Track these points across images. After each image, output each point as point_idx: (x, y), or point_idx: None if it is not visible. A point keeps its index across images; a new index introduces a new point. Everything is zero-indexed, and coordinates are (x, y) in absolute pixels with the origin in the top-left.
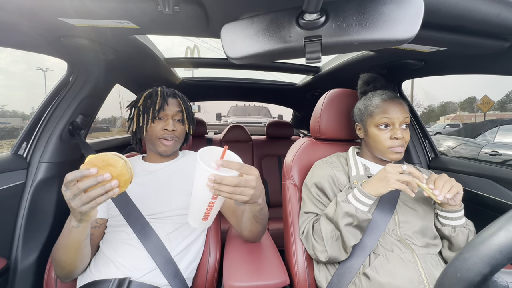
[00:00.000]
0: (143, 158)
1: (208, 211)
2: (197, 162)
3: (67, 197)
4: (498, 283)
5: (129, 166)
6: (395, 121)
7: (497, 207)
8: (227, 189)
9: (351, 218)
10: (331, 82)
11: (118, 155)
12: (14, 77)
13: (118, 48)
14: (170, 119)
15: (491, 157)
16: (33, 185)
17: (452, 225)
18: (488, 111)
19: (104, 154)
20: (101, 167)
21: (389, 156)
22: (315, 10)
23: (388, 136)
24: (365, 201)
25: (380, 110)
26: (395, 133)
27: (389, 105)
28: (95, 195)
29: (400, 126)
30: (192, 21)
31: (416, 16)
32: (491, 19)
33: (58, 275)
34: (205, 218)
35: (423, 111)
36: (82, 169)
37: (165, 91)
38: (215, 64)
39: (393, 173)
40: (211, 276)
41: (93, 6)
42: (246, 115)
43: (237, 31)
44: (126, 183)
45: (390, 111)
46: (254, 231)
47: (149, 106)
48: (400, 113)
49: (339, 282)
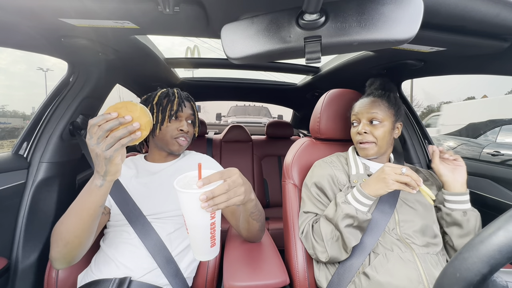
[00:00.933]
0: (145, 157)
1: (213, 234)
2: (181, 193)
3: (92, 144)
4: (497, 283)
5: (147, 110)
6: (360, 117)
7: (497, 207)
8: (222, 198)
9: (351, 219)
10: (331, 82)
11: (134, 103)
12: (14, 77)
13: (119, 48)
14: (184, 120)
15: (493, 157)
16: (34, 185)
17: (462, 209)
18: None
19: (121, 101)
20: (121, 112)
21: (360, 152)
22: (315, 10)
23: (355, 131)
24: (365, 202)
25: (354, 109)
26: (358, 128)
27: (361, 103)
28: (119, 134)
29: (368, 121)
30: (192, 22)
31: (415, 16)
32: (490, 19)
33: (55, 258)
34: (213, 243)
35: (423, 111)
36: (104, 113)
37: (181, 93)
38: (215, 64)
39: (391, 174)
40: (211, 275)
41: (93, 7)
42: (246, 115)
43: (237, 31)
44: (146, 126)
45: (358, 108)
46: (252, 230)
47: (165, 106)
48: (365, 109)
49: (339, 282)
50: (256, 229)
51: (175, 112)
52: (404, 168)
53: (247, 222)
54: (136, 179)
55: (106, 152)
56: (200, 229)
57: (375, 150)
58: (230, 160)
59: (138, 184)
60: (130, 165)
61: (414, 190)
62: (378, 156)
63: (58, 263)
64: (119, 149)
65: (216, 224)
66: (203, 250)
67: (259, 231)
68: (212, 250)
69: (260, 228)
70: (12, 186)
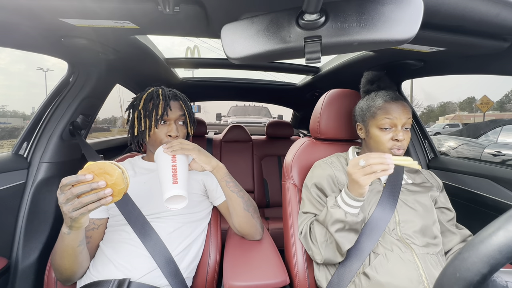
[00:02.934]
0: (143, 158)
1: (174, 173)
2: (156, 152)
3: (61, 201)
4: (497, 283)
5: (126, 176)
6: (397, 122)
7: (497, 207)
8: (176, 146)
9: (341, 223)
10: (331, 82)
11: (116, 164)
12: (14, 77)
13: (119, 48)
14: (173, 123)
15: (494, 157)
16: (34, 185)
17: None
18: (488, 111)
19: (103, 162)
20: (98, 174)
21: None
22: (315, 10)
23: (389, 137)
24: (354, 204)
25: (383, 111)
26: (396, 135)
27: (392, 106)
28: (87, 201)
29: (402, 128)
30: (192, 22)
31: (415, 16)
32: (490, 19)
33: (58, 279)
34: (175, 181)
35: (423, 111)
36: (79, 174)
37: (167, 94)
38: (215, 64)
39: (355, 172)
40: (211, 275)
41: (93, 7)
42: (246, 115)
43: (237, 31)
44: (120, 193)
45: (393, 112)
46: (238, 210)
47: (151, 111)
48: (402, 115)
49: (339, 282)
50: (241, 207)
51: (160, 116)
52: (361, 160)
53: (230, 198)
54: (134, 178)
55: (72, 214)
56: (163, 169)
57: (402, 156)
58: (230, 160)
59: (136, 183)
60: (128, 166)
61: (390, 170)
62: None
63: (63, 283)
64: (85, 213)
65: (178, 168)
66: (167, 187)
67: (250, 219)
68: (175, 186)
69: (249, 212)
70: (12, 186)
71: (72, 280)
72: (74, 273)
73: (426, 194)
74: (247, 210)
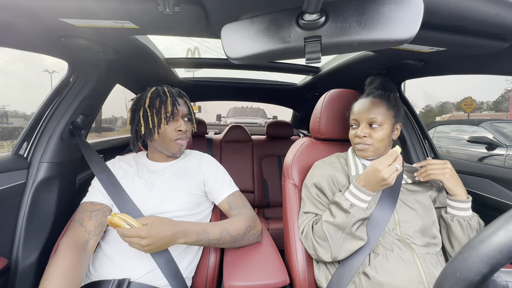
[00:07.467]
0: (147, 155)
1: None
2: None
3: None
4: (497, 283)
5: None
6: (360, 120)
7: (497, 207)
8: (126, 239)
9: (361, 221)
10: (331, 82)
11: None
12: (13, 76)
13: (119, 48)
14: (181, 119)
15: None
16: (34, 185)
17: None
18: (484, 111)
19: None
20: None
21: (357, 153)
22: (315, 10)
23: (353, 133)
24: (367, 199)
25: (352, 110)
26: (357, 132)
27: (361, 105)
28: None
29: (368, 124)
30: (192, 22)
31: (415, 16)
32: (490, 20)
33: None
34: None
35: (421, 111)
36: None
37: (173, 91)
38: (215, 64)
39: (386, 171)
40: (211, 275)
41: (93, 7)
42: (244, 116)
43: (237, 31)
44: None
45: (357, 111)
46: (227, 246)
47: (159, 108)
48: (366, 112)
49: (339, 281)
50: (228, 242)
51: (171, 113)
52: (398, 166)
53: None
54: (135, 177)
55: None
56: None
57: (373, 152)
58: (230, 160)
59: (138, 182)
60: (132, 163)
61: (399, 166)
62: (376, 157)
63: None
64: None
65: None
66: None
67: (238, 244)
68: None
69: (232, 241)
70: (12, 186)
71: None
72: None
73: (426, 194)
74: (234, 243)
